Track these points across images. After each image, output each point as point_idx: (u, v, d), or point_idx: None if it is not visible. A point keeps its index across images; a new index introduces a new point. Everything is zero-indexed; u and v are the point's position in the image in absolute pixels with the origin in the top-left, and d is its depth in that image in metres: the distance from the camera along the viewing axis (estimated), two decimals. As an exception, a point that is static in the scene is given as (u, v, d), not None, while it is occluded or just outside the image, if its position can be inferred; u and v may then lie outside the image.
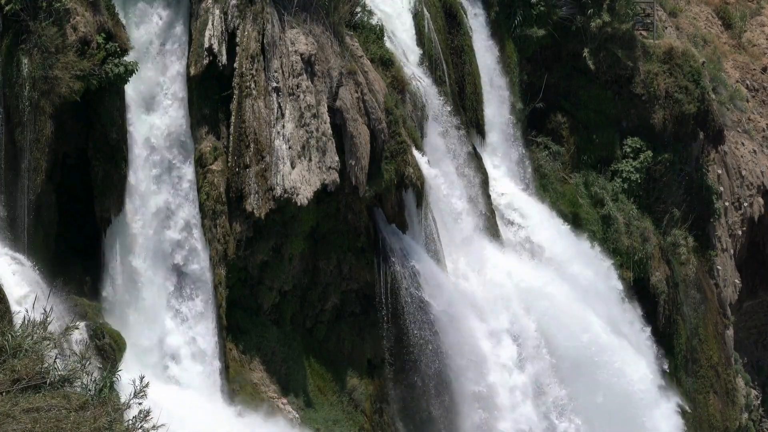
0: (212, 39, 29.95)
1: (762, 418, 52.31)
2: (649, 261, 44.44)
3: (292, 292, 32.71)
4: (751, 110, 54.35)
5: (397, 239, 34.24)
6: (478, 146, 39.62)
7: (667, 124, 45.75)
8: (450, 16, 39.49)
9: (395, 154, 33.30)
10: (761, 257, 53.42)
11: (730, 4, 58.00)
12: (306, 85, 31.24)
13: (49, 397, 13.64)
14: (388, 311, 33.87)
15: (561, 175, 43.94)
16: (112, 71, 27.16)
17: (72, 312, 26.49)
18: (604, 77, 45.46)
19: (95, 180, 28.11)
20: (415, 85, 36.17)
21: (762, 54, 56.99)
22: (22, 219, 26.44)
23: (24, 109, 26.28)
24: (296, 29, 31.57)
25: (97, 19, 27.28)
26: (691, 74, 46.15)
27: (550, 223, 41.34)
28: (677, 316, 45.31)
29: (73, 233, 28.30)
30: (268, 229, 31.24)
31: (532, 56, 43.85)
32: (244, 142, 30.34)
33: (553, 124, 44.68)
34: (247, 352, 31.45)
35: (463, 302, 35.36)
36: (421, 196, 34.42)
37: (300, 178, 30.64)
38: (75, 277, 27.98)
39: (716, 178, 48.97)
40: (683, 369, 45.48)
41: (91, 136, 28.03)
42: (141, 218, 29.08)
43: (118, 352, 26.58)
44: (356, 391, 33.47)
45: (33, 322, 14.19)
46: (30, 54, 26.28)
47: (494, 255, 37.98)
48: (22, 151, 26.37)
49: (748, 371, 52.15)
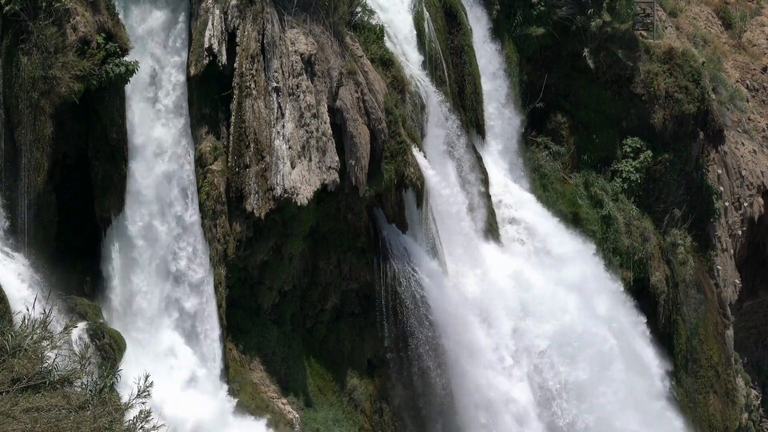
0: (212, 39, 29.93)
1: (762, 418, 52.29)
2: (649, 261, 44.42)
3: (292, 292, 32.71)
4: (751, 110, 54.33)
5: (397, 239, 34.23)
6: (478, 146, 39.62)
7: (667, 124, 45.74)
8: (450, 16, 39.47)
9: (395, 154, 33.29)
10: (761, 257, 53.40)
11: (730, 4, 57.99)
12: (306, 85, 31.22)
13: (49, 397, 13.63)
14: (388, 311, 33.86)
15: (561, 175, 43.93)
16: (113, 71, 27.13)
17: (72, 312, 26.49)
18: (604, 77, 45.44)
19: (95, 180, 28.10)
20: (415, 85, 36.16)
21: (762, 54, 56.97)
22: (22, 219, 26.42)
23: (24, 109, 26.25)
24: (296, 29, 31.56)
25: (97, 19, 27.26)
26: (691, 74, 46.13)
27: (550, 223, 41.34)
28: (677, 316, 45.29)
29: (73, 233, 28.29)
30: (268, 229, 31.23)
31: (532, 56, 43.85)
32: (244, 142, 30.33)
33: (553, 124, 44.67)
34: (247, 352, 31.45)
35: (462, 302, 35.37)
36: (421, 196, 34.41)
37: (300, 178, 30.62)
38: (75, 277, 27.97)
39: (716, 178, 48.95)
40: (683, 369, 45.46)
41: (91, 136, 28.02)
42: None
43: (118, 352, 26.56)
44: (356, 391, 33.47)
45: (33, 323, 14.18)
46: (30, 54, 26.25)
47: (494, 254, 38.01)
48: (22, 151, 26.35)
49: (748, 371, 52.14)
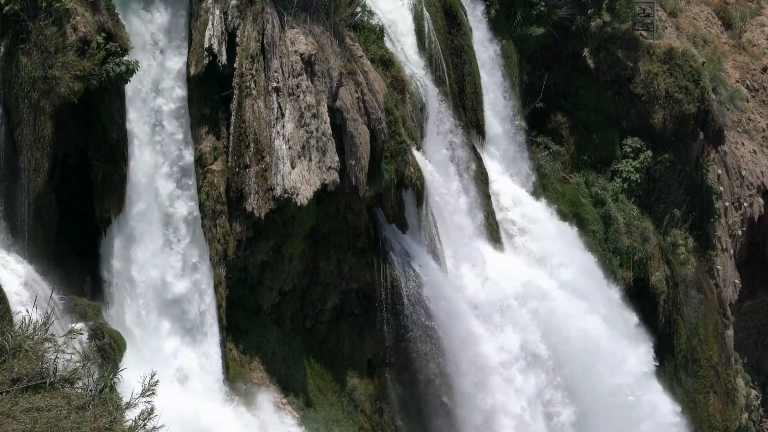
0: (212, 39, 29.91)
1: (762, 418, 52.30)
2: (649, 261, 44.42)
3: (292, 292, 32.70)
4: (751, 110, 54.35)
5: (397, 239, 34.22)
6: (478, 146, 39.60)
7: (667, 124, 45.75)
8: (450, 15, 39.47)
9: (395, 154, 33.29)
10: (761, 257, 53.42)
11: (730, 4, 58.01)
12: (306, 85, 31.21)
13: (49, 397, 13.61)
14: (388, 311, 33.85)
15: (561, 175, 43.94)
16: (113, 71, 27.10)
17: (72, 312, 26.47)
18: (604, 77, 45.45)
19: (95, 180, 28.08)
20: (415, 85, 36.15)
21: (762, 54, 57.00)
22: (22, 219, 26.40)
23: (24, 109, 26.23)
24: (296, 29, 31.54)
25: (97, 19, 27.24)
26: (691, 74, 46.14)
27: (550, 223, 41.33)
28: (677, 316, 45.29)
29: (73, 233, 28.27)
30: (268, 229, 31.21)
31: (532, 56, 43.86)
32: (244, 142, 30.31)
33: (553, 124, 44.68)
34: (247, 352, 31.43)
35: (462, 302, 35.35)
36: (421, 196, 34.40)
37: (300, 178, 30.61)
38: (75, 277, 27.95)
39: (716, 178, 48.96)
40: (683, 369, 45.46)
41: (91, 136, 27.99)
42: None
43: (118, 352, 26.54)
44: (356, 391, 33.45)
45: (35, 324, 14.15)
46: (30, 54, 26.22)
47: (494, 254, 38.00)
48: (22, 151, 26.32)
49: (748, 371, 52.14)
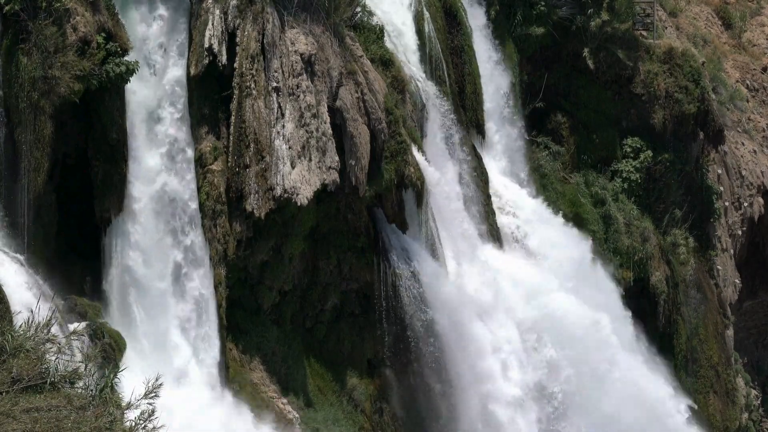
0: (212, 39, 29.91)
1: (762, 418, 52.29)
2: (649, 261, 44.41)
3: (292, 292, 32.70)
4: (751, 110, 54.34)
5: (397, 239, 34.21)
6: (478, 146, 39.60)
7: (667, 124, 45.75)
8: (450, 16, 39.47)
9: (395, 154, 33.29)
10: (761, 257, 53.40)
11: (730, 4, 57.99)
12: (306, 85, 31.21)
13: (50, 397, 13.60)
14: (388, 311, 33.85)
15: (561, 175, 43.93)
16: (113, 71, 27.10)
17: (72, 312, 26.48)
18: (604, 77, 45.44)
19: (95, 180, 28.08)
20: (415, 85, 36.15)
21: (762, 54, 56.98)
22: (22, 219, 26.39)
23: (24, 109, 26.22)
24: (296, 29, 31.54)
25: (97, 19, 27.24)
26: (691, 74, 46.13)
27: (550, 223, 41.32)
28: (677, 316, 45.28)
29: (73, 233, 28.27)
30: (268, 229, 31.21)
31: (532, 56, 43.85)
32: (244, 142, 30.31)
33: (553, 124, 44.67)
34: (247, 352, 31.43)
35: (462, 301, 35.34)
36: (421, 196, 34.40)
37: (300, 178, 30.61)
38: (75, 277, 27.95)
39: (716, 178, 48.95)
40: (683, 369, 45.45)
41: (91, 136, 28.00)
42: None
43: (119, 352, 26.55)
44: (356, 391, 33.45)
45: (37, 325, 14.13)
46: (30, 54, 26.22)
47: (494, 254, 37.98)
48: (22, 151, 26.32)
49: (748, 371, 52.13)
